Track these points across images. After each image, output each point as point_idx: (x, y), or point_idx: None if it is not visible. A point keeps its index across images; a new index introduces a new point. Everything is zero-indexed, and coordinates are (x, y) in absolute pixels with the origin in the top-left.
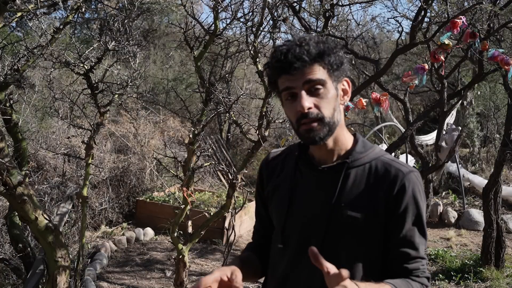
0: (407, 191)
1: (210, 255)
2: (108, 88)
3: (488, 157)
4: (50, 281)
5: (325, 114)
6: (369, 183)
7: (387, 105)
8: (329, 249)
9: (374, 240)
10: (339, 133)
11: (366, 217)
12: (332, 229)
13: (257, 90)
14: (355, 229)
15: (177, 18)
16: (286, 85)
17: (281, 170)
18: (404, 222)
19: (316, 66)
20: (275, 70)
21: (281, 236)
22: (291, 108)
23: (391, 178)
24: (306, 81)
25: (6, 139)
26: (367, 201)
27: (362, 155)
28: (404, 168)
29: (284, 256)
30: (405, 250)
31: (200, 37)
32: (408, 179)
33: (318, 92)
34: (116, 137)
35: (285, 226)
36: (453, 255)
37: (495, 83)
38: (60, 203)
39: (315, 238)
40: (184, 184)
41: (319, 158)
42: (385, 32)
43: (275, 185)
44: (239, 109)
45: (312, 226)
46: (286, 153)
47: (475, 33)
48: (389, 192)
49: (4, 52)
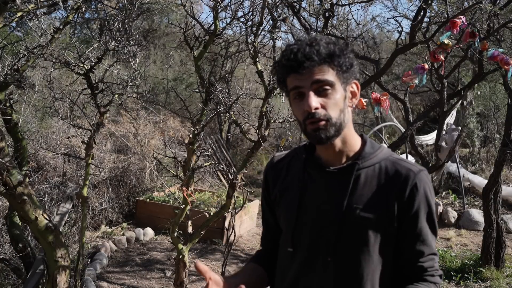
0: (419, 191)
1: (210, 255)
2: (108, 88)
3: (488, 157)
4: (50, 281)
5: (332, 115)
6: (380, 184)
7: (388, 105)
8: (342, 251)
9: (386, 241)
10: (347, 134)
11: (379, 217)
12: (345, 231)
13: (257, 90)
14: (367, 230)
15: (177, 18)
16: (294, 84)
17: (287, 173)
18: (418, 221)
19: (325, 66)
20: (285, 69)
21: (291, 240)
22: (298, 108)
23: (402, 178)
24: (314, 81)
25: (6, 139)
26: (378, 201)
27: (371, 156)
28: (414, 167)
29: (294, 260)
30: (420, 248)
31: (200, 37)
32: (419, 179)
33: (326, 93)
34: (116, 137)
35: (295, 229)
36: (453, 255)
37: (495, 83)
38: (60, 203)
39: (327, 241)
40: (184, 184)
41: (327, 160)
42: (385, 32)
43: (282, 189)
44: (239, 109)
45: (323, 229)
46: (291, 156)
47: (475, 33)
48: (402, 192)
49: (4, 52)
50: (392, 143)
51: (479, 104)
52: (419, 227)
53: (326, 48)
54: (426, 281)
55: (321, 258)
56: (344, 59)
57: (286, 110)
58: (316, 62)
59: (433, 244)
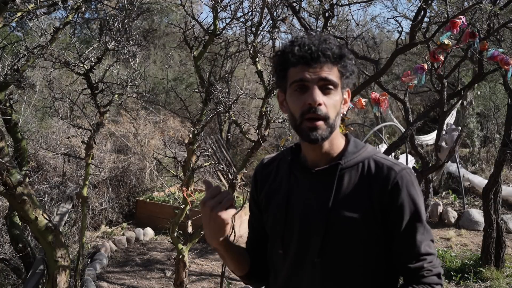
0: (402, 189)
1: (210, 255)
2: (108, 88)
3: (488, 157)
4: (50, 281)
5: (331, 115)
6: (363, 183)
7: (386, 105)
8: (329, 252)
9: (372, 240)
10: (334, 137)
11: (363, 217)
12: (331, 231)
13: (257, 90)
14: (353, 230)
15: (177, 18)
16: (300, 77)
17: (275, 176)
18: (402, 220)
19: (333, 66)
20: (294, 58)
21: (281, 242)
22: (298, 100)
23: (383, 177)
24: (322, 78)
25: (6, 139)
26: (362, 201)
27: (354, 155)
28: (396, 166)
29: (286, 261)
30: (407, 249)
31: (200, 37)
32: (401, 177)
33: (329, 92)
34: (116, 137)
35: (285, 231)
36: (453, 255)
37: (495, 83)
38: (60, 203)
39: (315, 242)
40: (184, 184)
41: (312, 161)
42: (385, 32)
43: (270, 191)
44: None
45: (310, 230)
46: (280, 158)
47: (475, 33)
48: (383, 191)
49: (4, 52)
50: (392, 143)
51: (479, 104)
52: (404, 226)
53: (338, 49)
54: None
55: (309, 258)
56: (350, 64)
57: None
58: (329, 59)
59: (424, 245)
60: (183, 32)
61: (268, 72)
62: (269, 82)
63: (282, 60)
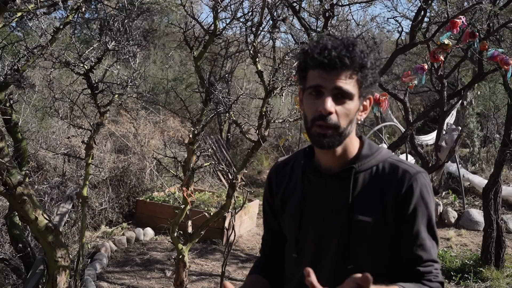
0: (415, 192)
1: (210, 255)
2: (108, 88)
3: (488, 157)
4: (50, 281)
5: (341, 124)
6: (377, 186)
7: (386, 105)
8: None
9: (385, 244)
10: (348, 141)
11: (377, 220)
12: (346, 235)
13: (257, 90)
14: (367, 234)
15: (177, 18)
16: (316, 83)
17: (289, 179)
18: (414, 223)
19: (352, 75)
20: (312, 61)
21: (296, 246)
22: (312, 104)
23: (398, 180)
24: (336, 87)
25: (6, 139)
26: (376, 204)
27: (369, 159)
28: (411, 169)
29: (300, 265)
30: (417, 253)
31: (200, 37)
32: (415, 180)
33: (343, 101)
34: (116, 137)
35: (299, 235)
36: (453, 255)
37: (495, 83)
38: (60, 203)
39: (330, 246)
40: (184, 184)
41: (326, 164)
42: (385, 32)
43: (285, 195)
44: (239, 109)
45: (325, 234)
46: (293, 160)
47: (475, 33)
48: (397, 193)
49: (4, 52)
50: (392, 143)
51: (479, 104)
52: (416, 230)
53: (360, 57)
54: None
55: (324, 263)
56: (372, 74)
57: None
58: (347, 67)
59: (433, 251)
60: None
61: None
62: (269, 82)
63: (303, 61)
